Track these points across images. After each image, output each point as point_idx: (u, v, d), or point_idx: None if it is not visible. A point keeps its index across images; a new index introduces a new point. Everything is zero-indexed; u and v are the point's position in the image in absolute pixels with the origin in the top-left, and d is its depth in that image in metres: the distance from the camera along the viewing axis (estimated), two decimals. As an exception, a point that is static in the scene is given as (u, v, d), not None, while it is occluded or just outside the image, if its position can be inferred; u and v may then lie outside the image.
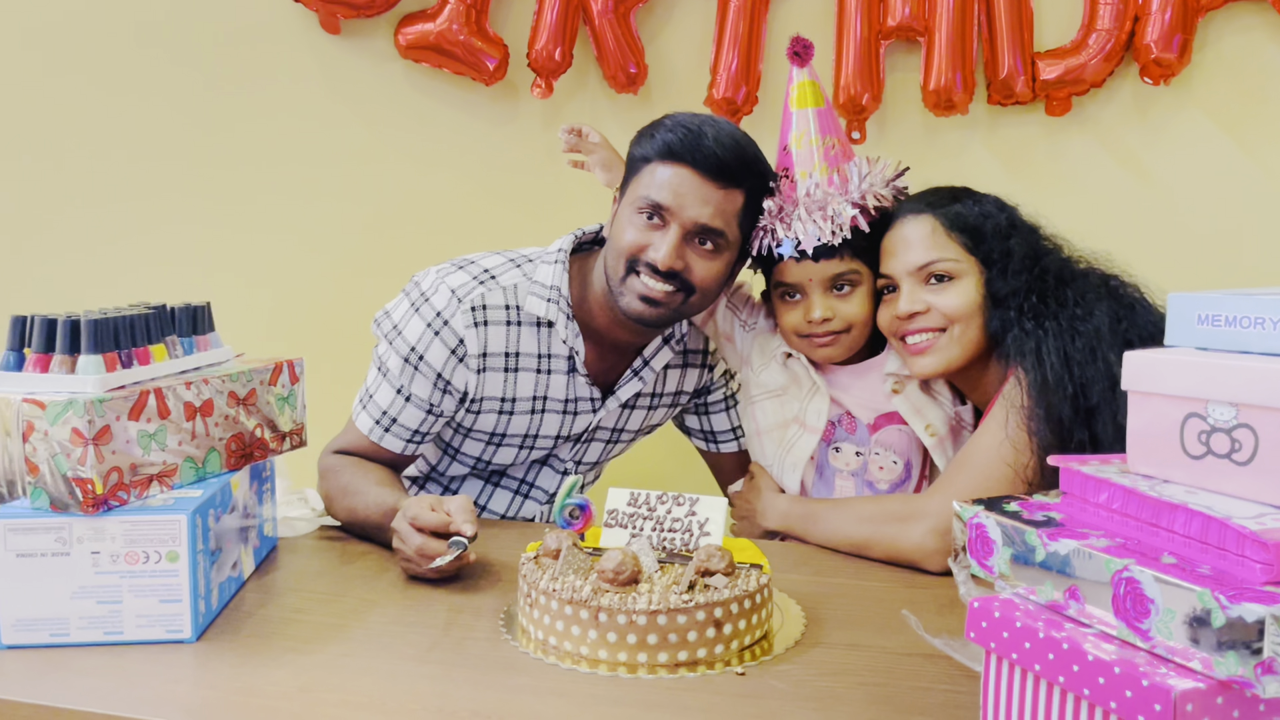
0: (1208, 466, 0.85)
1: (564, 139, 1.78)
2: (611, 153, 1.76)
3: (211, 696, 1.02)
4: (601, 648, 1.07)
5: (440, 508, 1.33)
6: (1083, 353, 1.38)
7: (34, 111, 2.44)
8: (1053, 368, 1.39)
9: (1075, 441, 1.35)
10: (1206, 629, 0.72)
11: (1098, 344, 1.38)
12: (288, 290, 2.42)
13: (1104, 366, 1.37)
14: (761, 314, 1.72)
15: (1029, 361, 1.41)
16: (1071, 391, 1.37)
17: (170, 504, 1.15)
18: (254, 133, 2.40)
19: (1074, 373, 1.38)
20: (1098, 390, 1.36)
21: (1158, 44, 2.01)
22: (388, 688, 1.03)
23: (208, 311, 1.40)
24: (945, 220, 1.50)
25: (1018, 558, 0.88)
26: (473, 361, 1.56)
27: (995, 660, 0.88)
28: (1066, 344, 1.40)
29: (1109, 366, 1.36)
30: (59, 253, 2.47)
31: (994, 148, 2.18)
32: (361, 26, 2.32)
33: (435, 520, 1.30)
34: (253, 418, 1.37)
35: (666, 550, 1.20)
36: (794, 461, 1.63)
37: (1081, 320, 1.41)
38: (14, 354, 1.16)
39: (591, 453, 1.77)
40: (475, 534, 1.29)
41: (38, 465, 1.10)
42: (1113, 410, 1.34)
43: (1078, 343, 1.39)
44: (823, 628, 1.20)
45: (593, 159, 1.78)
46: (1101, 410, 1.35)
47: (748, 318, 1.72)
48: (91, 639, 1.12)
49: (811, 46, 1.59)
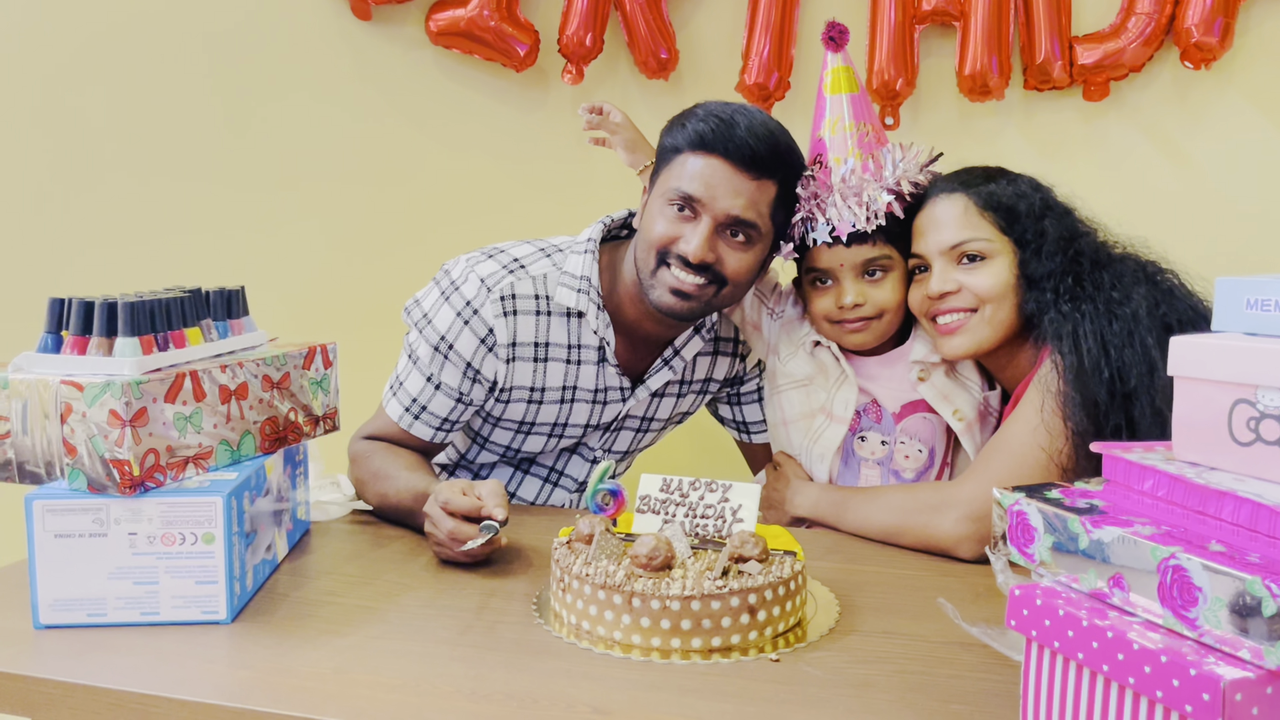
0: (1256, 453, 0.83)
1: (585, 117, 1.77)
2: (635, 133, 1.75)
3: (247, 677, 1.02)
4: (635, 633, 1.07)
5: (471, 492, 1.33)
6: (1120, 336, 1.36)
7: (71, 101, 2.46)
8: (1089, 352, 1.37)
9: (1111, 426, 1.33)
10: (1256, 618, 0.70)
11: (1135, 328, 1.36)
12: (319, 276, 2.43)
13: (1141, 351, 1.34)
14: (789, 301, 1.71)
15: (1065, 345, 1.39)
16: (1108, 376, 1.35)
17: (206, 486, 1.16)
18: (285, 119, 2.41)
19: (1111, 357, 1.36)
20: (1135, 375, 1.34)
21: (1199, 28, 1.97)
22: (421, 670, 1.03)
23: (242, 295, 1.40)
24: (978, 199, 1.49)
25: (1059, 545, 0.87)
26: (502, 351, 1.56)
27: (1036, 649, 0.86)
28: (1104, 327, 1.37)
29: (1147, 351, 1.34)
30: (96, 238, 2.49)
31: (1029, 134, 2.15)
32: (392, 13, 2.32)
33: (467, 504, 1.30)
34: (286, 401, 1.37)
35: (699, 536, 1.20)
36: (822, 452, 1.62)
37: (1119, 304, 1.39)
38: (52, 336, 1.17)
39: (621, 441, 1.76)
40: (506, 518, 1.29)
41: (75, 447, 1.11)
42: (1150, 396, 1.32)
43: (1115, 326, 1.37)
44: (857, 615, 1.19)
45: (615, 139, 1.77)
46: (1139, 395, 1.33)
47: (775, 305, 1.71)
48: (128, 619, 1.13)
49: (847, 32, 1.58)
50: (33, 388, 1.11)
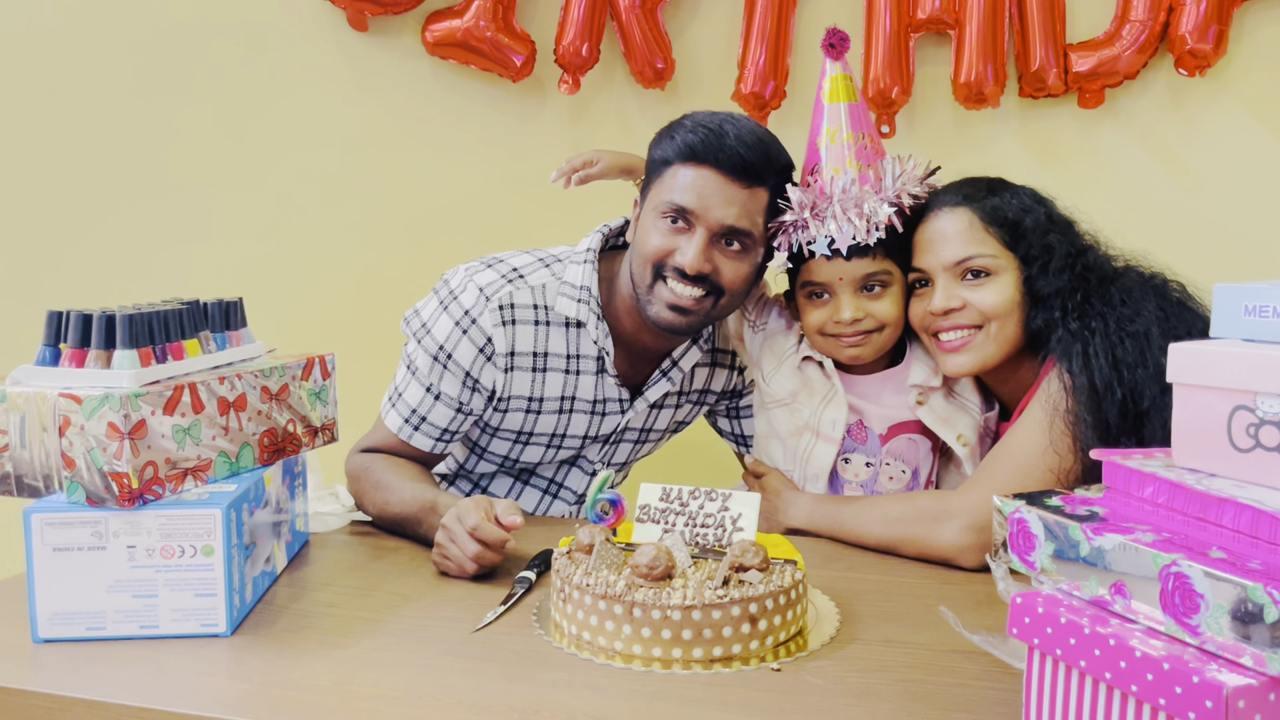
0: (1257, 460, 0.83)
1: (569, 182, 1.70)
2: (617, 157, 1.73)
3: (247, 690, 1.02)
4: (636, 643, 1.07)
5: (491, 511, 1.32)
6: (1133, 355, 1.34)
7: (66, 113, 2.46)
8: (1100, 371, 1.34)
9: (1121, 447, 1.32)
10: (1258, 624, 0.70)
11: (1147, 346, 1.34)
12: (317, 287, 2.43)
13: (1154, 370, 1.32)
14: (772, 313, 1.67)
15: (1075, 364, 1.37)
16: (1120, 396, 1.33)
17: (205, 498, 1.15)
18: (282, 130, 2.41)
19: (1124, 377, 1.33)
20: (1148, 396, 1.31)
21: (1193, 35, 1.98)
22: (422, 682, 1.03)
23: (240, 307, 1.40)
24: (982, 214, 1.46)
25: (1060, 553, 0.87)
26: (500, 360, 1.56)
27: (1038, 656, 0.86)
28: (1115, 346, 1.35)
29: (1160, 370, 1.30)
30: (92, 250, 2.49)
31: (1025, 141, 2.16)
32: (389, 24, 2.33)
33: (498, 538, 1.30)
34: (285, 413, 1.37)
35: (699, 545, 1.20)
36: (816, 472, 1.58)
37: (1129, 321, 1.37)
38: (50, 349, 1.17)
39: (620, 453, 1.76)
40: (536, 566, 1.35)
41: (74, 460, 1.10)
42: (1163, 416, 1.28)
43: (1127, 344, 1.35)
44: (858, 624, 1.19)
45: (608, 172, 1.72)
46: (1151, 416, 1.31)
47: (756, 318, 1.67)
48: (127, 632, 1.13)
49: (847, 39, 1.56)
50: (31, 401, 1.11)
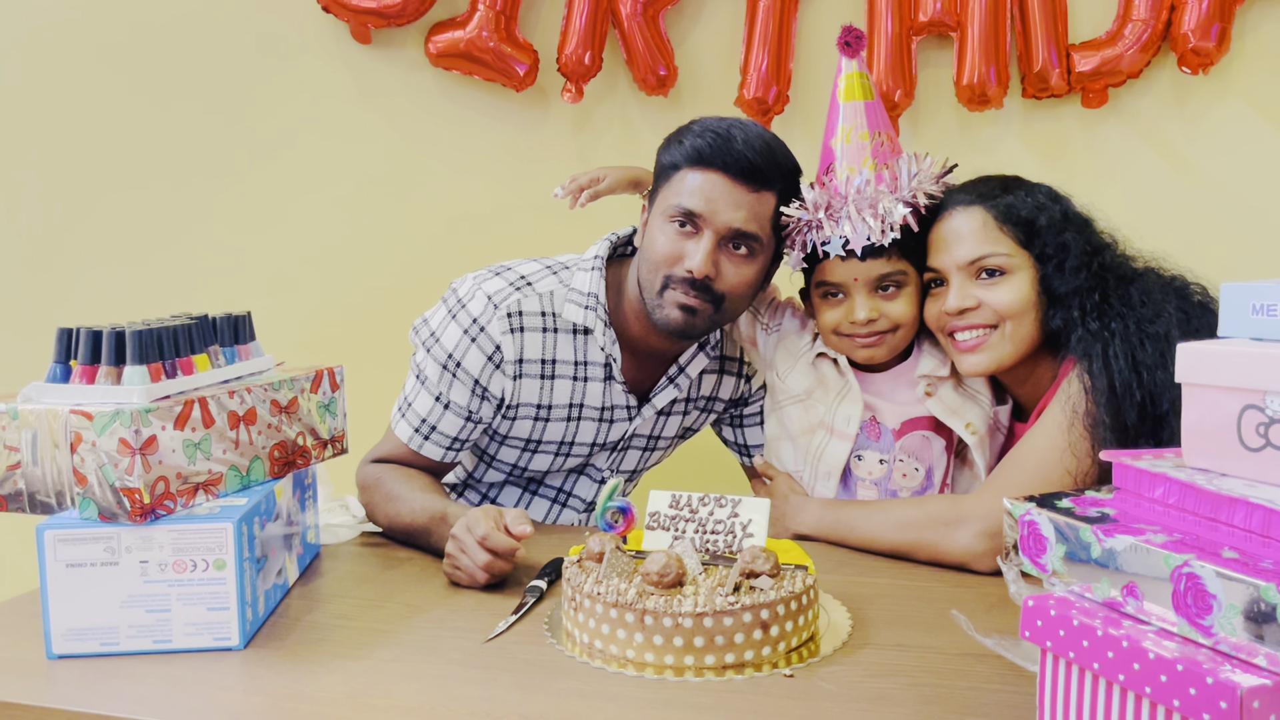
0: (1267, 459, 0.83)
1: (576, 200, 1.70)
2: (622, 170, 1.73)
3: (261, 703, 1.02)
4: (648, 650, 1.07)
5: (500, 522, 1.32)
6: (1152, 357, 1.33)
7: (72, 126, 2.47)
8: (1120, 373, 1.33)
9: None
10: (1271, 624, 0.70)
11: (1167, 348, 1.31)
12: (324, 299, 2.44)
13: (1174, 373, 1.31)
14: (785, 315, 1.68)
15: (1095, 365, 1.35)
16: (1139, 398, 1.32)
17: (216, 512, 1.16)
18: (286, 143, 2.42)
19: (1144, 379, 1.32)
20: (1167, 398, 1.30)
21: (1195, 33, 1.98)
22: (435, 692, 1.03)
23: (248, 321, 1.40)
24: (997, 213, 1.45)
25: (1071, 555, 0.87)
26: (509, 368, 1.56)
27: (1051, 659, 0.86)
28: (1135, 347, 1.34)
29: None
30: (98, 265, 2.50)
31: (1029, 142, 2.16)
32: (392, 36, 2.34)
33: (507, 546, 1.30)
34: (295, 425, 1.38)
35: (710, 552, 1.20)
36: (827, 470, 1.58)
37: (1149, 322, 1.36)
38: (60, 366, 1.17)
39: (629, 461, 1.76)
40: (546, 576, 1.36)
41: (86, 476, 1.11)
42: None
43: (1147, 346, 1.34)
44: (869, 628, 1.18)
45: (616, 186, 1.73)
46: (1169, 419, 1.29)
47: (769, 320, 1.67)
48: (141, 647, 1.13)
49: (863, 37, 1.54)
50: (42, 418, 1.12)
